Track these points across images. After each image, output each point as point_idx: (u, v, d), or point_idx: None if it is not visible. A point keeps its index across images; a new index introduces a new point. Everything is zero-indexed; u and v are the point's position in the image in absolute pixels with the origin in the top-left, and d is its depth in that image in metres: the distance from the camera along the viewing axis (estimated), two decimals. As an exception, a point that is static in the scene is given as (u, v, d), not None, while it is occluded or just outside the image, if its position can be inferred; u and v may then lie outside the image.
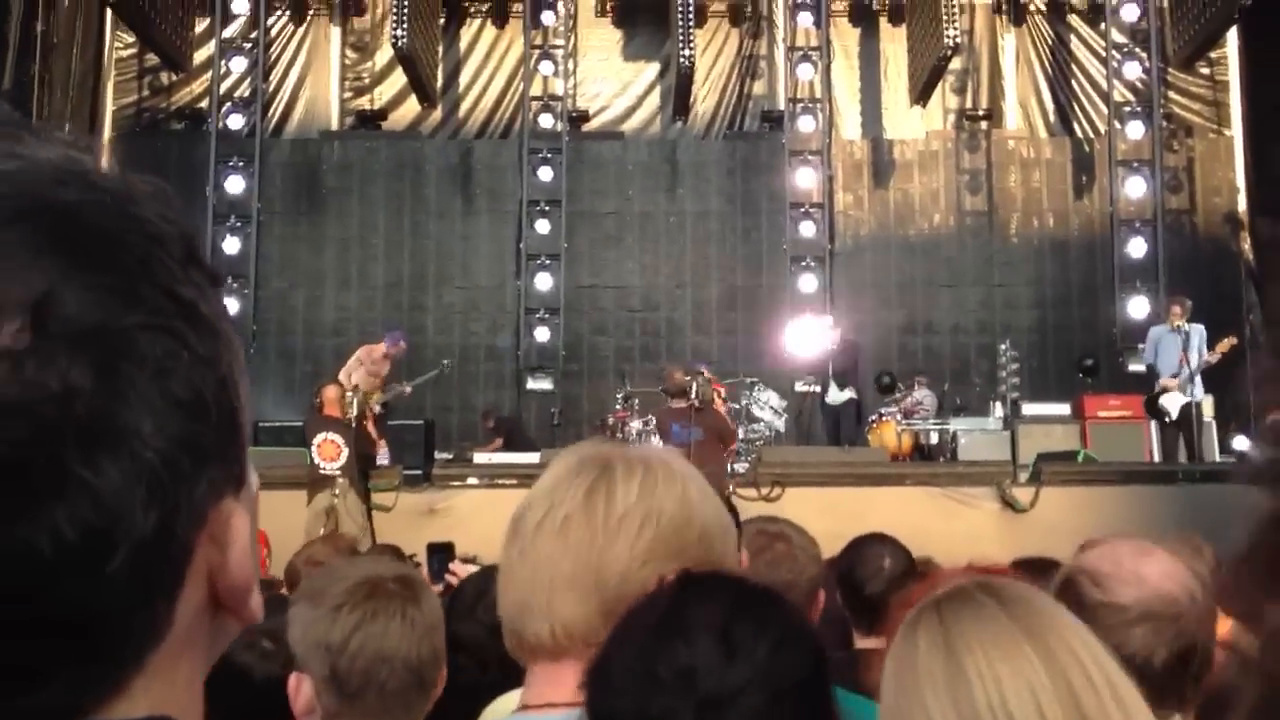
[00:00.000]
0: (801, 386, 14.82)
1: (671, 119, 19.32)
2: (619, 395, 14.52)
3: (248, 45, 18.55)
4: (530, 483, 1.56)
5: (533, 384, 17.36)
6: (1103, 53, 18.67)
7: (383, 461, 12.12)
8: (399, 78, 18.86)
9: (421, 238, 18.42)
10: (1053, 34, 19.66)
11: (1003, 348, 15.37)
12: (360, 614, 2.07)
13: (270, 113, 19.18)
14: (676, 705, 1.20)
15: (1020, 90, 19.70)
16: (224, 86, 18.26)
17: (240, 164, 17.69)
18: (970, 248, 18.65)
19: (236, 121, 18.06)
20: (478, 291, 18.52)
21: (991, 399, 15.43)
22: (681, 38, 17.32)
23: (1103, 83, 18.66)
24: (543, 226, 17.73)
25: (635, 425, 12.61)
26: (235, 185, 17.60)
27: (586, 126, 19.35)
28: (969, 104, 19.54)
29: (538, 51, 18.47)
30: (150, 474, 0.57)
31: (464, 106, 19.72)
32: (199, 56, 18.98)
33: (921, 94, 18.24)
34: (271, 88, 19.25)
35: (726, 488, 10.66)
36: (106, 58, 19.05)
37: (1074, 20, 19.66)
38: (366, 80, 19.85)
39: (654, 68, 19.68)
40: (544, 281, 17.57)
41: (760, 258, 18.41)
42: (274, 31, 19.42)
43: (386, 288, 18.16)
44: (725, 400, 12.64)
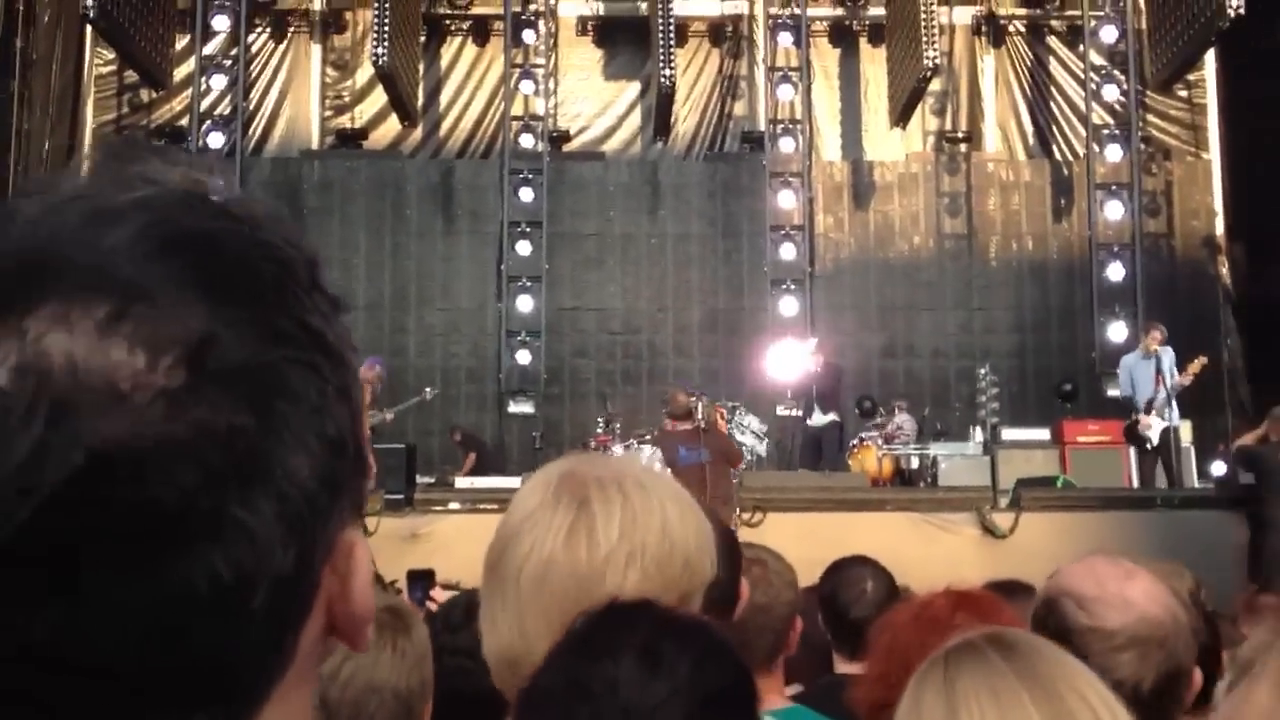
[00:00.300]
0: (783, 411, 14.83)
1: (653, 139, 19.31)
2: (600, 419, 14.53)
3: (228, 63, 18.54)
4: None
5: (514, 407, 17.35)
6: (1081, 75, 18.79)
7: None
8: (379, 96, 18.79)
9: (402, 258, 18.36)
10: (1032, 56, 19.72)
11: (982, 372, 15.41)
12: None
13: (250, 131, 19.11)
14: (601, 716, 1.23)
15: (999, 112, 19.75)
16: (204, 104, 18.25)
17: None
18: (950, 271, 18.67)
19: (217, 139, 18.02)
20: (459, 313, 18.44)
21: (971, 424, 15.46)
22: (662, 57, 17.30)
23: (1081, 105, 18.77)
24: (524, 248, 17.73)
25: (617, 450, 12.65)
26: (215, 204, 17.50)
27: (567, 146, 19.32)
28: (949, 126, 19.59)
29: (518, 70, 18.48)
30: (294, 512, 0.56)
31: (445, 126, 19.66)
32: (179, 74, 18.87)
33: (901, 115, 18.25)
34: (252, 106, 19.18)
35: (734, 510, 10.79)
36: (86, 74, 18.91)
37: (1053, 42, 19.71)
38: (347, 99, 19.76)
39: (635, 87, 19.67)
40: (525, 304, 17.57)
41: (741, 280, 18.41)
42: (254, 49, 19.34)
43: (368, 309, 18.10)
44: (726, 421, 12.75)
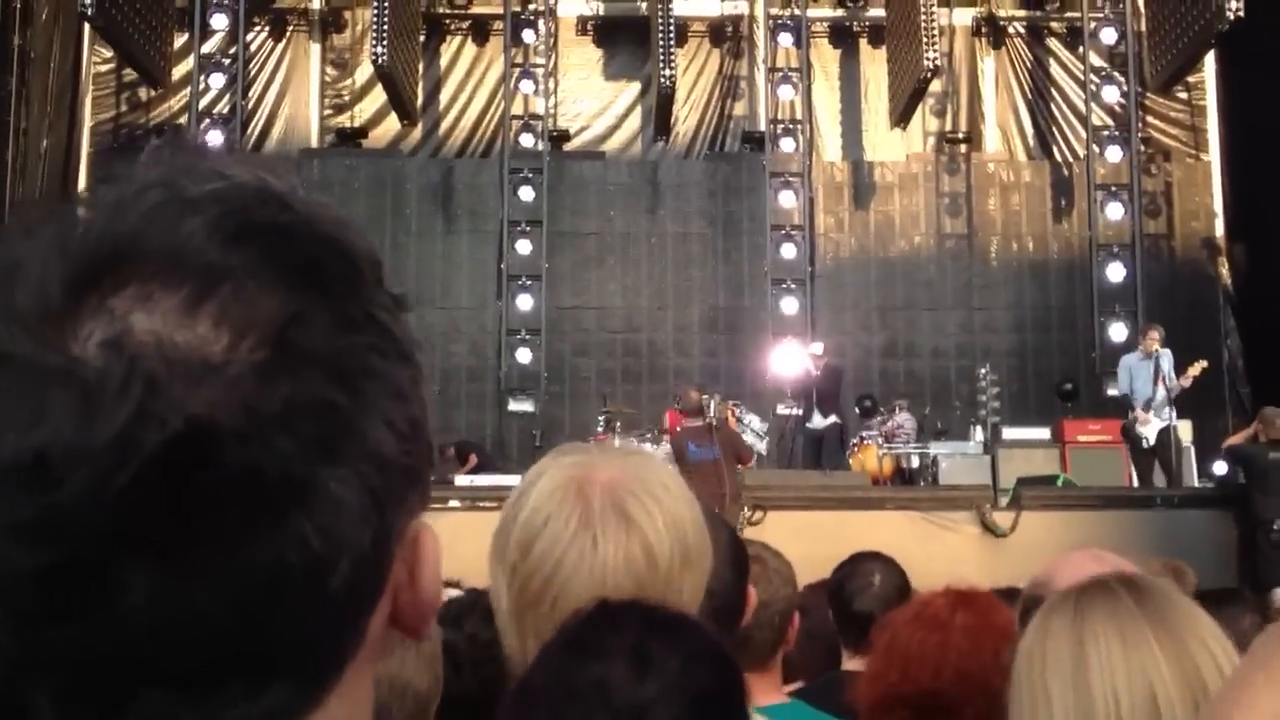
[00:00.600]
0: (783, 410, 14.82)
1: (653, 139, 19.32)
2: (600, 417, 14.52)
3: (226, 61, 18.49)
4: None
5: (514, 405, 17.35)
6: (1081, 76, 18.81)
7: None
8: (379, 95, 18.78)
9: (402, 257, 18.33)
10: (1032, 57, 19.75)
11: (982, 371, 15.43)
12: None
13: (249, 129, 19.09)
14: (591, 715, 1.23)
15: (1000, 113, 19.79)
16: (203, 103, 18.22)
17: (218, 181, 17.59)
18: (950, 271, 18.69)
19: (215, 138, 17.94)
20: (459, 312, 18.41)
21: (971, 423, 15.46)
22: (662, 57, 17.32)
23: (1081, 106, 18.80)
24: (524, 247, 17.72)
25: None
26: (213, 203, 17.50)
27: (567, 146, 19.32)
28: (949, 126, 19.62)
29: (518, 70, 18.47)
30: (377, 488, 0.58)
31: (444, 125, 19.65)
32: (178, 72, 18.83)
33: (902, 116, 18.29)
34: (251, 104, 19.17)
35: (742, 508, 10.85)
36: (84, 72, 18.86)
37: (1053, 44, 19.75)
38: (346, 97, 19.75)
39: (635, 87, 19.68)
40: (525, 302, 17.56)
41: (741, 279, 18.41)
42: (253, 48, 19.33)
43: (367, 307, 17.98)
44: (736, 418, 12.78)
